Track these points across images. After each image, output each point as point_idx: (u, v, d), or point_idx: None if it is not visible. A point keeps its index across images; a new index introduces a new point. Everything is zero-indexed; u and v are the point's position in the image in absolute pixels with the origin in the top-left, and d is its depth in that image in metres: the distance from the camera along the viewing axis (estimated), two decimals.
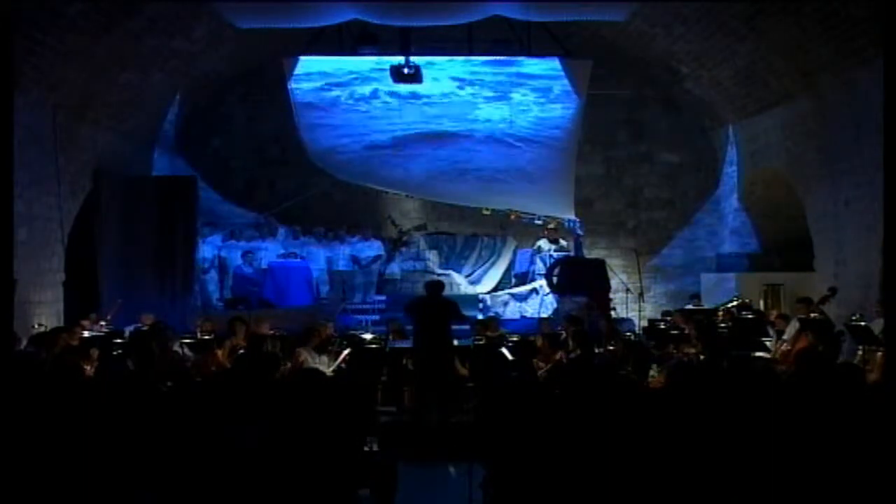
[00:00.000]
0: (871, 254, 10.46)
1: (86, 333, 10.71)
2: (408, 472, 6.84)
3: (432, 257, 15.88)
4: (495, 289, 15.87)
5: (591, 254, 16.00)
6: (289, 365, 9.87)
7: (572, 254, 15.40)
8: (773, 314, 12.29)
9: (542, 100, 15.41)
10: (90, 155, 13.12)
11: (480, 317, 13.25)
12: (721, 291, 14.62)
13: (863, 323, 9.28)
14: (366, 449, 6.20)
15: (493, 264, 16.22)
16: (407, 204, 16.82)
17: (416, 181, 15.63)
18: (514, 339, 11.40)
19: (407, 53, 14.58)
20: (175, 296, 14.51)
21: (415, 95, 15.34)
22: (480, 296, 15.23)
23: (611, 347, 10.52)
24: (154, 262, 14.63)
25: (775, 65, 12.47)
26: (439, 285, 11.28)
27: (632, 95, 16.55)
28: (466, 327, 11.91)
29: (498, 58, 15.31)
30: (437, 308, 10.76)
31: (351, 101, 15.45)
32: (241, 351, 9.76)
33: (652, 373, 9.54)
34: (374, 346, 11.10)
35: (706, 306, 13.68)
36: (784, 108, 13.07)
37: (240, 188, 16.84)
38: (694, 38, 13.39)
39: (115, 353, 9.59)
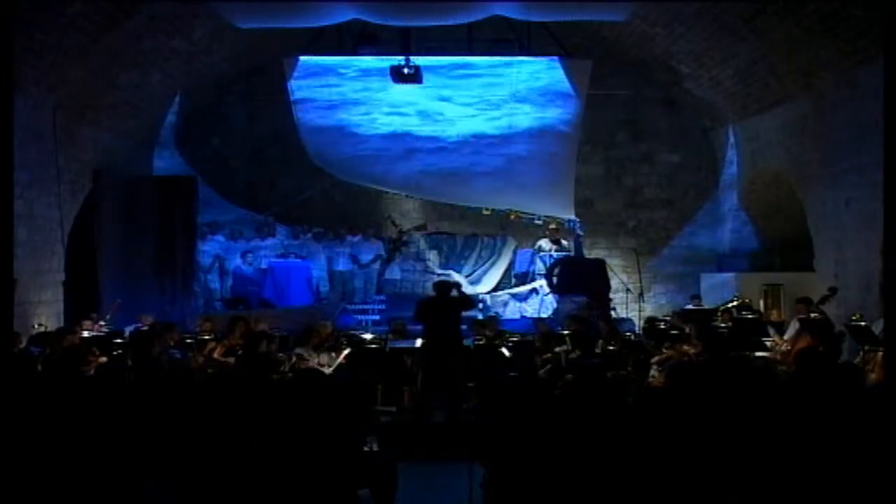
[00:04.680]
0: (871, 254, 10.46)
1: (85, 333, 10.73)
2: (408, 471, 6.83)
3: (432, 257, 15.88)
4: (495, 289, 15.87)
5: (591, 254, 16.01)
6: (293, 360, 9.90)
7: (572, 254, 15.40)
8: (774, 314, 12.31)
9: (541, 100, 15.41)
10: (90, 155, 13.12)
11: (480, 317, 13.27)
12: (721, 291, 14.62)
13: (863, 323, 9.27)
14: (366, 449, 6.20)
15: (493, 264, 16.22)
16: (407, 204, 16.82)
17: (416, 181, 15.63)
18: (514, 339, 11.43)
19: (407, 53, 14.59)
20: (175, 296, 14.53)
21: (415, 95, 15.35)
22: (480, 296, 15.22)
23: (611, 348, 10.53)
24: (154, 262, 14.65)
25: (775, 65, 12.47)
26: (447, 285, 11.25)
27: (632, 95, 16.54)
28: (464, 327, 11.91)
29: (498, 58, 15.31)
30: (448, 307, 10.71)
31: (351, 102, 15.46)
32: (240, 351, 9.77)
33: (652, 373, 9.55)
34: (374, 346, 11.10)
35: (706, 306, 13.68)
36: (784, 108, 13.07)
37: (240, 188, 16.84)
38: (694, 38, 13.38)
39: (115, 353, 9.60)
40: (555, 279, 14.69)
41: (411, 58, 14.57)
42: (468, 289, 15.44)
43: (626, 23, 13.76)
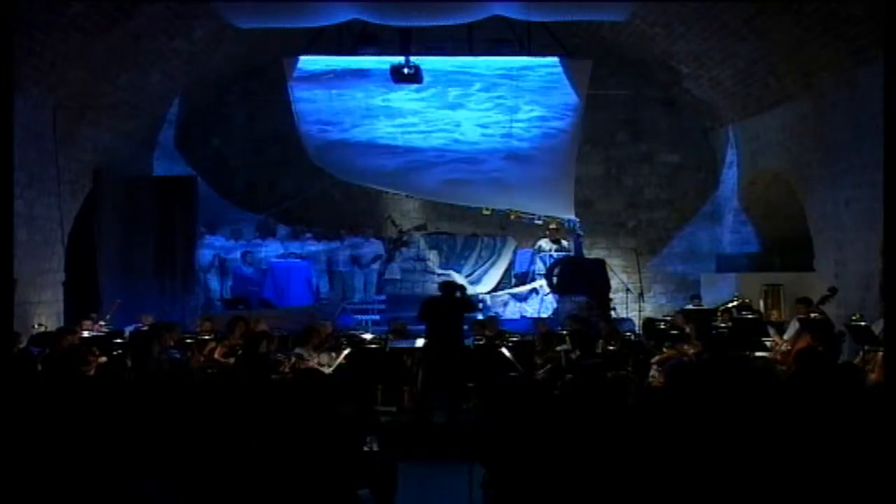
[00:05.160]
0: (871, 254, 10.46)
1: (85, 333, 10.72)
2: (408, 471, 6.83)
3: (432, 257, 15.88)
4: (495, 289, 15.86)
5: (591, 254, 16.00)
6: (293, 360, 9.91)
7: (572, 254, 15.40)
8: (774, 314, 12.31)
9: (541, 100, 15.41)
10: (90, 155, 13.12)
11: (480, 317, 13.26)
12: (721, 291, 14.62)
13: (863, 323, 9.27)
14: (366, 449, 6.20)
15: (493, 264, 16.22)
16: (407, 204, 16.81)
17: (417, 181, 15.63)
18: (514, 339, 11.43)
19: (407, 53, 14.59)
20: (175, 296, 14.53)
21: (415, 96, 15.34)
22: (480, 296, 15.22)
23: (611, 348, 10.53)
24: (154, 262, 14.65)
25: (775, 65, 12.47)
26: (452, 286, 11.24)
27: (632, 95, 16.53)
28: (465, 327, 11.90)
29: (498, 58, 15.31)
30: (452, 308, 10.69)
31: (350, 101, 15.46)
32: (240, 351, 9.77)
33: (652, 373, 9.56)
34: (374, 346, 11.10)
35: (706, 306, 13.68)
36: (784, 108, 13.07)
37: (240, 188, 16.84)
38: (694, 38, 13.38)
39: (115, 353, 9.60)
40: (555, 279, 14.69)
41: (411, 58, 14.57)
42: (468, 289, 15.45)
43: (626, 23, 13.76)
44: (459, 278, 15.62)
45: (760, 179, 14.92)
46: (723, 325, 11.35)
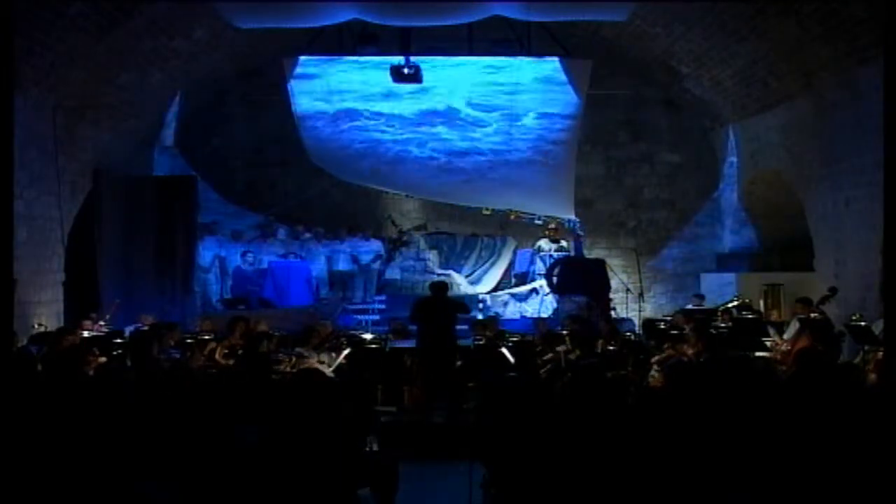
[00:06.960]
0: (871, 254, 10.46)
1: (85, 333, 10.72)
2: (408, 471, 6.83)
3: (432, 257, 15.87)
4: (495, 289, 15.86)
5: (591, 254, 16.01)
6: (293, 360, 9.91)
7: (572, 254, 15.40)
8: (774, 314, 12.30)
9: (541, 100, 15.41)
10: (90, 155, 13.12)
11: (480, 317, 13.27)
12: (721, 291, 14.62)
13: (863, 323, 9.27)
14: (366, 448, 6.20)
15: (493, 264, 16.22)
16: (407, 204, 16.82)
17: (416, 181, 15.63)
18: (514, 339, 11.43)
19: (407, 53, 14.59)
20: (175, 296, 14.52)
21: (415, 95, 15.34)
22: (480, 296, 15.23)
23: (611, 348, 10.52)
24: (154, 262, 14.64)
25: (775, 65, 12.47)
26: (443, 286, 11.27)
27: (632, 95, 16.54)
28: (465, 327, 11.92)
29: (498, 58, 15.31)
30: (443, 308, 10.71)
31: (351, 101, 15.46)
32: (240, 351, 9.77)
33: (652, 373, 9.55)
34: (374, 346, 11.11)
35: (706, 306, 13.69)
36: (784, 108, 13.07)
37: (240, 188, 16.85)
38: (694, 38, 13.38)
39: (115, 353, 9.59)
40: (555, 279, 14.69)
41: (411, 58, 14.57)
42: (468, 289, 15.48)
43: (626, 23, 13.75)
44: (459, 278, 15.64)
45: (760, 179, 14.92)
46: (723, 325, 11.35)
